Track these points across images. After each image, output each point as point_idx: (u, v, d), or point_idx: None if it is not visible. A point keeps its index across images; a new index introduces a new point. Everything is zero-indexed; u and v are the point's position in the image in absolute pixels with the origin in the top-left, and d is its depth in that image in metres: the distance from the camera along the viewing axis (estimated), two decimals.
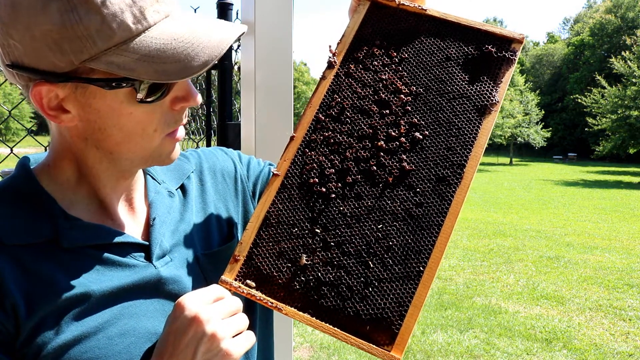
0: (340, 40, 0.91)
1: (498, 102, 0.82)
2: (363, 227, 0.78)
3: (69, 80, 0.66)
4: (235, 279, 0.79)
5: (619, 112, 29.87)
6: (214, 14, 1.83)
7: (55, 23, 0.62)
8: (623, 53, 33.03)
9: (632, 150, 30.87)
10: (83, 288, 0.70)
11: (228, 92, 1.88)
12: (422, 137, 0.82)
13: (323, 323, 0.74)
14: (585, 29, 58.34)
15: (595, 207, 15.29)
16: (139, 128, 0.71)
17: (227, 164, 0.98)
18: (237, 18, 1.84)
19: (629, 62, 31.03)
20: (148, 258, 0.77)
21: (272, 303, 0.76)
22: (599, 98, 32.62)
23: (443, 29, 0.89)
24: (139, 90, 0.68)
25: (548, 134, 41.87)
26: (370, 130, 0.84)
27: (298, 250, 0.79)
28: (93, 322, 0.70)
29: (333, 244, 0.78)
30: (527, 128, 39.84)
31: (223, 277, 0.78)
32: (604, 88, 31.95)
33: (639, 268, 7.89)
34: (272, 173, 0.84)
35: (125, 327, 0.72)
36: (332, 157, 0.83)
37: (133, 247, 0.77)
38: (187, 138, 2.86)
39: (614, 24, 53.22)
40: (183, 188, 0.90)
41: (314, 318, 0.74)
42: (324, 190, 0.81)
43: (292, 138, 0.86)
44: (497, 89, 0.83)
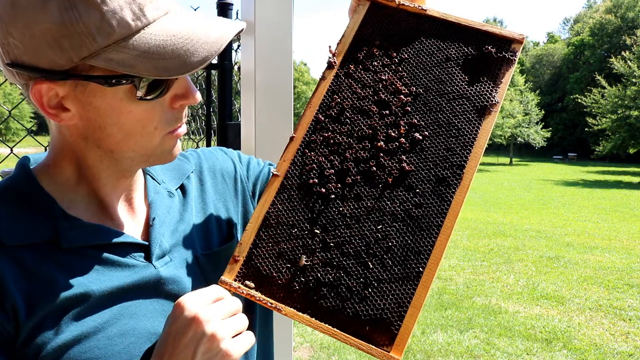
0: (340, 41, 0.91)
1: (498, 102, 0.82)
2: (362, 227, 0.78)
3: (69, 78, 0.66)
4: (235, 280, 0.79)
5: (619, 112, 29.86)
6: (214, 14, 1.83)
7: (55, 21, 0.62)
8: (623, 53, 33.01)
9: (632, 150, 30.85)
10: (83, 288, 0.70)
11: (228, 92, 1.88)
12: (421, 137, 0.82)
13: (322, 324, 0.74)
14: (585, 29, 58.31)
15: (595, 207, 15.28)
16: (139, 126, 0.71)
17: (226, 164, 0.98)
18: (237, 18, 1.84)
19: (629, 62, 31.01)
20: (148, 258, 0.77)
21: (271, 304, 0.76)
22: (599, 98, 32.61)
23: (443, 29, 0.89)
24: (139, 88, 0.68)
25: (548, 134, 41.84)
26: (370, 131, 0.84)
27: (297, 251, 0.79)
28: (93, 322, 0.70)
29: (332, 245, 0.78)
30: (527, 128, 39.81)
31: (222, 277, 0.78)
32: (604, 88, 31.94)
33: (639, 268, 7.88)
34: (271, 173, 0.84)
35: (125, 327, 0.72)
36: (331, 157, 0.83)
37: (133, 247, 0.77)
38: (187, 138, 2.85)
39: (614, 24, 53.20)
40: (183, 188, 0.90)
41: (314, 319, 0.74)
42: (324, 191, 0.81)
43: (291, 138, 0.86)
44: (497, 90, 0.83)
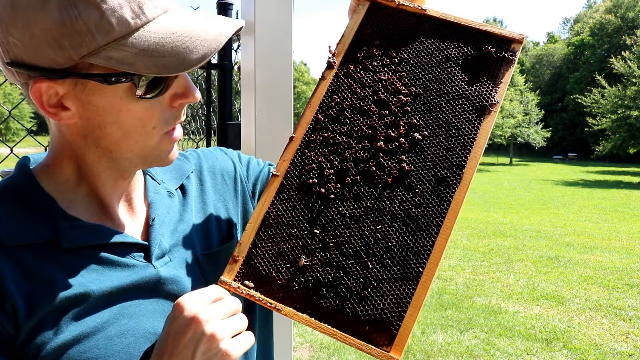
0: (340, 41, 0.91)
1: (497, 102, 0.82)
2: (362, 227, 0.78)
3: (69, 76, 0.66)
4: (235, 280, 0.79)
5: (619, 112, 29.86)
6: (214, 14, 1.83)
7: (55, 19, 0.62)
8: (623, 53, 33.01)
9: (632, 150, 30.85)
10: (82, 288, 0.70)
11: (228, 92, 1.88)
12: (421, 137, 0.82)
13: (322, 324, 0.73)
14: (585, 29, 58.31)
15: (595, 207, 15.28)
16: (138, 125, 0.71)
17: (226, 164, 0.98)
18: (237, 18, 1.84)
19: (629, 62, 31.01)
20: (147, 258, 0.77)
21: (271, 304, 0.76)
22: (599, 98, 32.61)
23: (443, 29, 0.89)
24: (138, 86, 0.68)
25: (548, 134, 41.83)
26: (370, 131, 0.84)
27: (297, 251, 0.79)
28: (92, 322, 0.70)
29: (332, 245, 0.78)
30: (527, 128, 39.80)
31: (222, 277, 0.78)
32: (604, 88, 31.94)
33: (639, 268, 7.88)
34: (271, 173, 0.84)
35: (125, 327, 0.72)
36: (331, 157, 0.83)
37: (132, 247, 0.77)
38: (187, 138, 2.86)
39: (614, 24, 53.19)
40: (183, 188, 0.90)
41: (313, 319, 0.74)
42: (323, 191, 0.81)
43: (291, 139, 0.86)
44: (496, 90, 0.83)
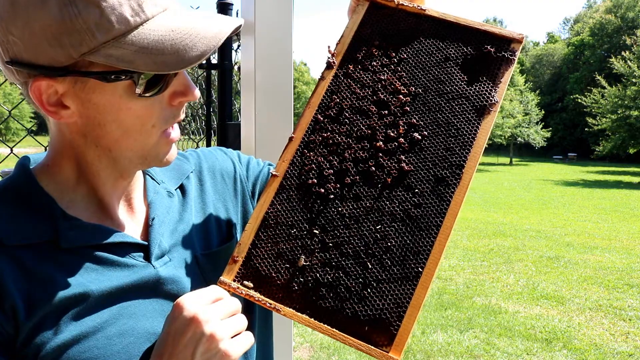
0: (339, 41, 0.91)
1: (497, 102, 0.82)
2: (361, 228, 0.78)
3: (68, 74, 0.66)
4: (234, 280, 0.79)
5: (619, 112, 29.85)
6: (214, 14, 1.82)
7: (55, 17, 0.62)
8: (623, 53, 33.01)
9: (632, 150, 30.85)
10: (82, 288, 0.70)
11: (228, 92, 1.88)
12: (420, 137, 0.82)
13: (321, 324, 0.73)
14: (585, 29, 58.30)
15: (595, 207, 15.28)
16: (138, 123, 0.71)
17: (226, 164, 0.98)
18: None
19: (629, 62, 31.00)
20: (147, 258, 0.77)
21: (270, 304, 0.76)
22: (599, 98, 32.60)
23: (442, 29, 0.89)
24: (138, 84, 0.68)
25: (548, 134, 41.82)
26: (369, 131, 0.83)
27: (296, 251, 0.79)
28: (92, 322, 0.70)
29: (331, 245, 0.78)
30: (527, 128, 39.80)
31: (222, 278, 0.78)
32: (604, 88, 31.94)
33: (639, 268, 7.88)
34: (270, 174, 0.84)
35: (124, 327, 0.72)
36: (330, 158, 0.83)
37: (132, 247, 0.77)
38: (187, 138, 2.86)
39: (614, 24, 53.19)
40: (182, 188, 0.90)
41: (313, 319, 0.74)
42: (323, 191, 0.81)
43: (290, 139, 0.86)
44: (496, 89, 0.83)
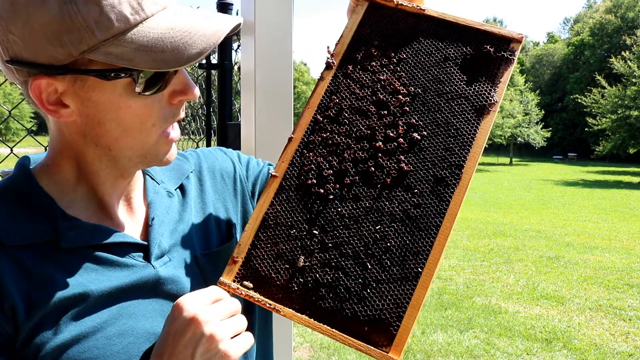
0: (338, 41, 0.91)
1: (497, 102, 0.82)
2: (361, 228, 0.78)
3: (68, 72, 0.66)
4: (234, 281, 0.79)
5: (619, 112, 29.85)
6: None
7: (55, 15, 0.63)
8: (623, 53, 33.00)
9: (632, 150, 30.85)
10: (82, 288, 0.70)
11: (228, 92, 1.88)
12: (420, 137, 0.82)
13: (321, 324, 0.73)
14: (585, 29, 58.29)
15: (595, 207, 15.28)
16: (138, 122, 0.71)
17: (226, 164, 0.98)
18: None
19: (629, 62, 31.00)
20: (147, 258, 0.77)
21: (270, 304, 0.76)
22: (599, 98, 32.60)
23: (441, 29, 0.89)
24: (138, 82, 0.68)
25: (548, 134, 41.82)
26: (368, 131, 0.83)
27: (296, 252, 0.78)
28: (91, 322, 0.70)
29: (331, 245, 0.78)
30: (527, 128, 39.80)
31: (221, 278, 0.78)
32: (604, 88, 31.94)
33: (639, 268, 7.88)
34: (270, 174, 0.84)
35: (124, 327, 0.72)
36: (330, 158, 0.83)
37: (132, 247, 0.77)
38: (187, 138, 2.86)
39: (614, 24, 53.18)
40: (182, 188, 0.90)
41: (312, 319, 0.74)
42: (322, 192, 0.81)
43: (290, 139, 0.86)
44: (495, 89, 0.83)
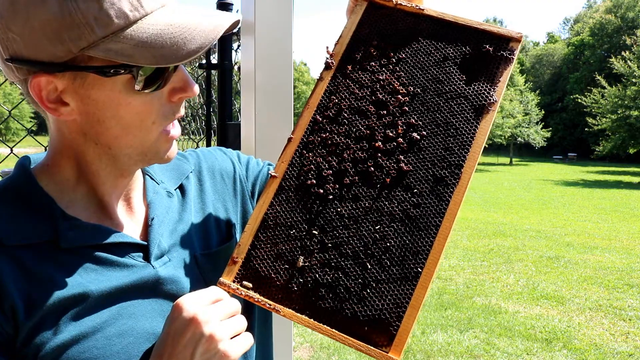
0: (338, 41, 0.91)
1: (496, 101, 0.82)
2: (360, 228, 0.78)
3: (68, 69, 0.67)
4: (234, 281, 0.78)
5: (619, 112, 29.86)
6: None
7: (54, 13, 0.63)
8: (623, 53, 33.01)
9: (632, 150, 30.85)
10: (81, 288, 0.70)
11: (228, 92, 1.89)
12: (419, 137, 0.82)
13: (321, 324, 0.73)
14: (585, 29, 58.29)
15: (595, 207, 15.28)
16: (137, 119, 0.72)
17: (226, 164, 0.98)
18: None
19: (629, 62, 31.01)
20: (146, 258, 0.77)
21: (270, 305, 0.76)
22: (599, 98, 32.61)
23: (441, 29, 0.88)
24: (137, 79, 0.69)
25: (548, 134, 41.83)
26: (368, 131, 0.83)
27: (296, 252, 0.78)
28: (91, 322, 0.70)
29: (330, 246, 0.78)
30: (527, 128, 39.81)
31: (221, 279, 0.78)
32: (604, 88, 31.94)
33: (639, 268, 7.88)
34: (269, 175, 0.84)
35: (124, 327, 0.72)
36: (329, 158, 0.83)
37: (131, 247, 0.77)
38: (187, 138, 2.86)
39: (614, 24, 53.18)
40: (182, 188, 0.90)
41: (312, 319, 0.74)
42: (322, 192, 0.81)
43: (289, 139, 0.86)
44: (495, 89, 0.83)
